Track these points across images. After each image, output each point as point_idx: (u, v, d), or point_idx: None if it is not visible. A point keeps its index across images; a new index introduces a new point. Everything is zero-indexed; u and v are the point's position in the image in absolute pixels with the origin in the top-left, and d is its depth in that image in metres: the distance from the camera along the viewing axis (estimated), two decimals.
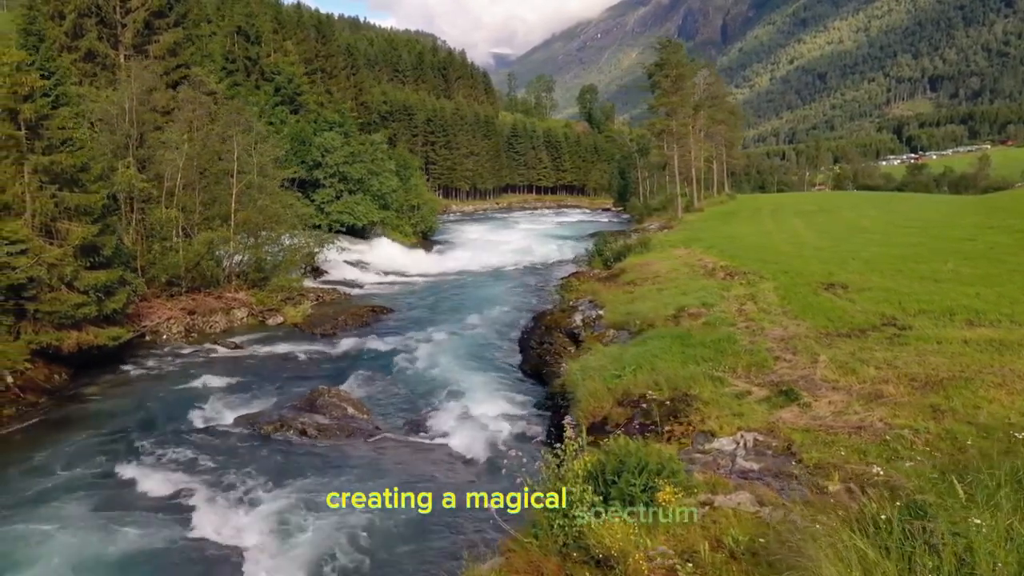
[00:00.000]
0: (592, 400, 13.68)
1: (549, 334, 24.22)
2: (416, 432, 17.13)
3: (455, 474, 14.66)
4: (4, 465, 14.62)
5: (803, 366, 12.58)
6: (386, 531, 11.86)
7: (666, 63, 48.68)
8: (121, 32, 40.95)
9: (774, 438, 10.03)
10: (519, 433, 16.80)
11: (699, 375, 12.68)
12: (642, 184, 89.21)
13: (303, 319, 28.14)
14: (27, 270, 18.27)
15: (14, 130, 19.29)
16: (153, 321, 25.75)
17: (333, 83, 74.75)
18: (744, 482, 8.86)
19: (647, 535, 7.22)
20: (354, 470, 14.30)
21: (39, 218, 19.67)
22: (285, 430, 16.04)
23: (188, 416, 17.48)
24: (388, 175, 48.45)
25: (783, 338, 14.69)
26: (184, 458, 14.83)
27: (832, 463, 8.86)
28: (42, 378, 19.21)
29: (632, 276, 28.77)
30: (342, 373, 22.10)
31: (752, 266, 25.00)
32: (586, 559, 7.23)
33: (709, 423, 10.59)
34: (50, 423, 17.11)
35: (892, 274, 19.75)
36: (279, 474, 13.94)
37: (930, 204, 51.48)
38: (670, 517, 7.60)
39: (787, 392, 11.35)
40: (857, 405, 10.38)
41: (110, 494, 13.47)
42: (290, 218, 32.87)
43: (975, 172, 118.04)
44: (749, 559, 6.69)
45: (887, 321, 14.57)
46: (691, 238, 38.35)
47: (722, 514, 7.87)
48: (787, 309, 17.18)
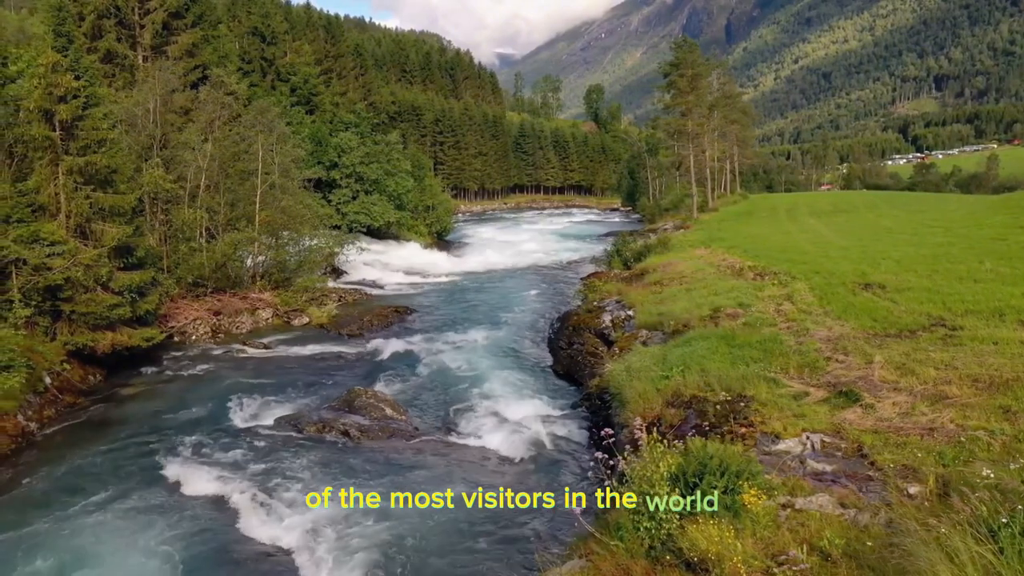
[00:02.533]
0: (641, 401, 13.61)
1: (578, 335, 24.15)
2: (455, 433, 17.11)
3: (500, 475, 14.62)
4: (50, 466, 14.63)
5: (857, 367, 12.49)
6: (442, 533, 11.81)
7: (682, 62, 48.59)
8: (139, 33, 41.02)
9: (842, 440, 9.96)
10: (559, 434, 16.77)
11: (752, 376, 12.59)
12: (651, 184, 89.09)
13: (328, 320, 28.13)
14: (64, 271, 18.27)
15: (50, 131, 19.30)
16: (180, 322, 25.76)
17: (343, 84, 74.83)
18: (820, 484, 8.79)
19: (735, 538, 7.17)
20: (401, 471, 14.27)
21: (74, 219, 19.68)
22: (328, 431, 16.02)
23: (227, 416, 17.49)
24: (404, 175, 48.45)
25: (829, 339, 14.60)
26: (230, 459, 14.82)
27: (907, 465, 8.80)
28: (78, 379, 19.24)
29: (657, 276, 28.66)
30: (372, 374, 22.10)
31: (781, 266, 24.88)
32: (677, 562, 7.18)
33: (773, 424, 10.52)
34: (91, 424, 17.12)
35: (928, 274, 19.63)
36: (327, 475, 13.93)
37: (947, 204, 51.28)
38: (755, 519, 7.57)
39: (847, 393, 11.28)
40: (923, 406, 10.30)
41: (158, 495, 13.46)
42: (311, 218, 32.89)
43: (985, 172, 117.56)
44: (848, 563, 6.62)
45: (935, 322, 14.48)
46: (710, 238, 38.21)
47: (807, 516, 7.81)
48: (828, 309, 17.08)
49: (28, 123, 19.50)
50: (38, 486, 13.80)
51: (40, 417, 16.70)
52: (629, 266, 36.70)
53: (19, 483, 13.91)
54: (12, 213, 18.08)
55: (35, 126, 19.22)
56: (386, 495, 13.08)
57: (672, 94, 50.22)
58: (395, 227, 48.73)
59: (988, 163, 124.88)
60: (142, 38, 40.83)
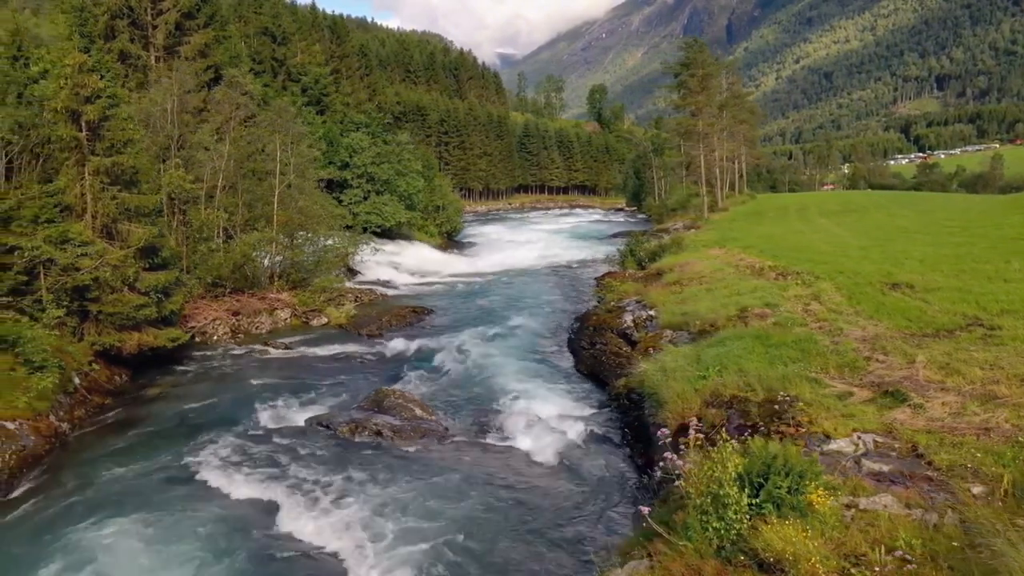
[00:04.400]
0: (679, 401, 13.59)
1: (600, 335, 24.13)
2: (485, 433, 17.09)
3: (536, 475, 14.61)
4: (85, 467, 14.63)
5: (899, 367, 12.47)
6: (489, 533, 11.80)
7: (693, 62, 48.59)
8: (152, 34, 41.00)
9: (895, 440, 9.94)
10: (590, 434, 16.77)
11: (792, 376, 12.57)
12: (657, 184, 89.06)
13: (347, 320, 28.13)
14: (92, 271, 18.27)
15: (76, 131, 19.31)
16: (199, 322, 25.76)
17: (348, 84, 74.85)
18: (880, 484, 8.77)
19: (806, 538, 7.15)
20: (437, 471, 14.26)
21: (100, 219, 19.68)
22: (361, 432, 16.02)
23: (257, 417, 17.47)
24: (414, 176, 48.46)
25: (865, 338, 14.58)
26: (266, 460, 14.82)
27: (966, 465, 8.79)
28: (105, 379, 19.24)
29: (675, 276, 28.62)
30: (396, 374, 22.10)
31: (801, 266, 24.84)
32: (750, 563, 7.16)
33: (823, 424, 10.49)
34: (121, 424, 17.12)
35: (955, 274, 19.61)
36: (365, 475, 13.92)
37: (957, 204, 51.25)
38: (823, 520, 7.55)
39: (893, 393, 11.26)
40: (974, 406, 10.28)
41: (198, 496, 13.46)
42: (327, 218, 32.90)
43: (989, 171, 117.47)
44: (928, 564, 6.60)
45: (972, 321, 14.46)
46: (724, 238, 38.15)
47: (873, 517, 7.79)
48: (859, 309, 17.06)
49: (54, 124, 19.47)
50: (76, 487, 13.80)
51: (71, 417, 16.70)
52: (643, 266, 36.68)
53: (57, 484, 13.92)
54: (40, 213, 18.08)
55: (61, 126, 19.21)
56: (426, 494, 13.10)
57: (682, 94, 50.20)
58: (405, 227, 48.73)
59: (992, 163, 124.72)
60: (155, 38, 40.82)
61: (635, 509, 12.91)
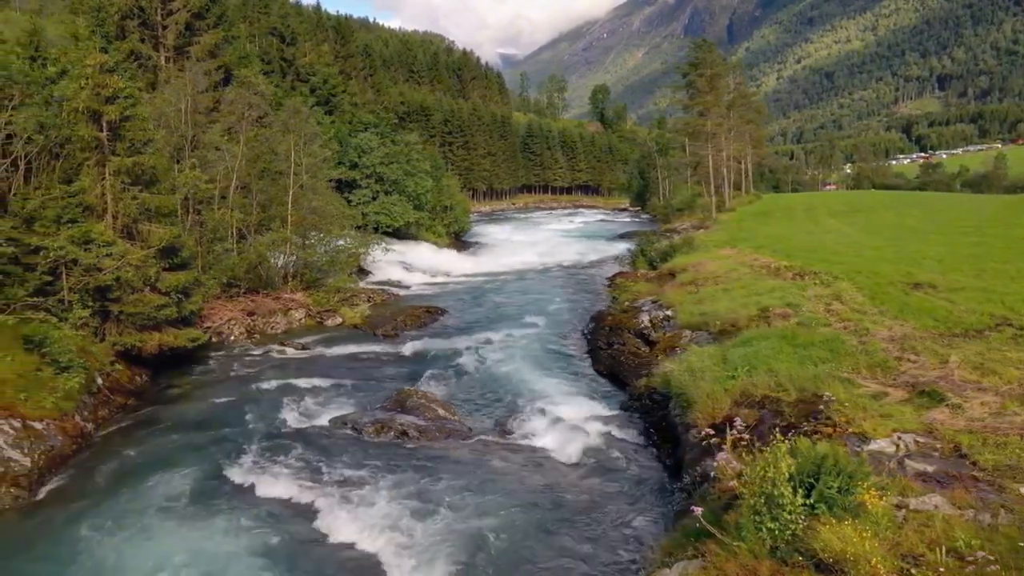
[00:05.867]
0: (709, 401, 13.59)
1: (617, 335, 24.14)
2: (508, 433, 17.08)
3: (564, 475, 14.60)
4: (113, 467, 14.62)
5: (932, 367, 12.48)
6: (524, 532, 11.79)
7: (701, 62, 48.58)
8: (162, 34, 40.97)
9: (936, 440, 9.93)
10: (614, 434, 16.74)
11: (825, 376, 12.57)
12: (662, 184, 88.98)
13: (362, 320, 28.13)
14: (115, 271, 18.27)
15: (97, 131, 19.31)
16: (215, 322, 25.75)
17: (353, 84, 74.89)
18: (926, 485, 8.76)
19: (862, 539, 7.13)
20: (466, 471, 14.25)
21: (121, 220, 19.68)
22: (386, 432, 16.01)
23: (280, 417, 17.48)
24: (423, 176, 48.46)
25: (893, 338, 14.58)
26: (293, 459, 14.81)
27: (1012, 465, 8.78)
28: (126, 379, 19.23)
29: (689, 276, 28.63)
30: (415, 374, 22.09)
31: (817, 266, 24.86)
32: (807, 563, 7.15)
33: (863, 424, 10.48)
34: (146, 424, 17.11)
35: (976, 274, 19.63)
36: (394, 475, 13.92)
37: (967, 204, 51.26)
38: (876, 520, 7.54)
39: (929, 393, 11.26)
40: (1015, 406, 10.28)
41: (227, 494, 13.46)
42: (340, 218, 32.91)
43: (994, 171, 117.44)
44: (989, 565, 6.59)
45: (1000, 321, 14.47)
46: (735, 238, 38.19)
47: (926, 517, 7.79)
48: (883, 309, 17.07)
49: (74, 124, 19.46)
50: (105, 487, 13.79)
51: (95, 417, 16.71)
52: (655, 266, 36.69)
53: (86, 484, 13.92)
54: (63, 214, 18.08)
55: (82, 126, 19.20)
56: (458, 494, 13.09)
57: (691, 94, 50.19)
58: (414, 227, 48.74)
59: (995, 163, 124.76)
60: (165, 39, 40.79)
61: (666, 509, 12.92)
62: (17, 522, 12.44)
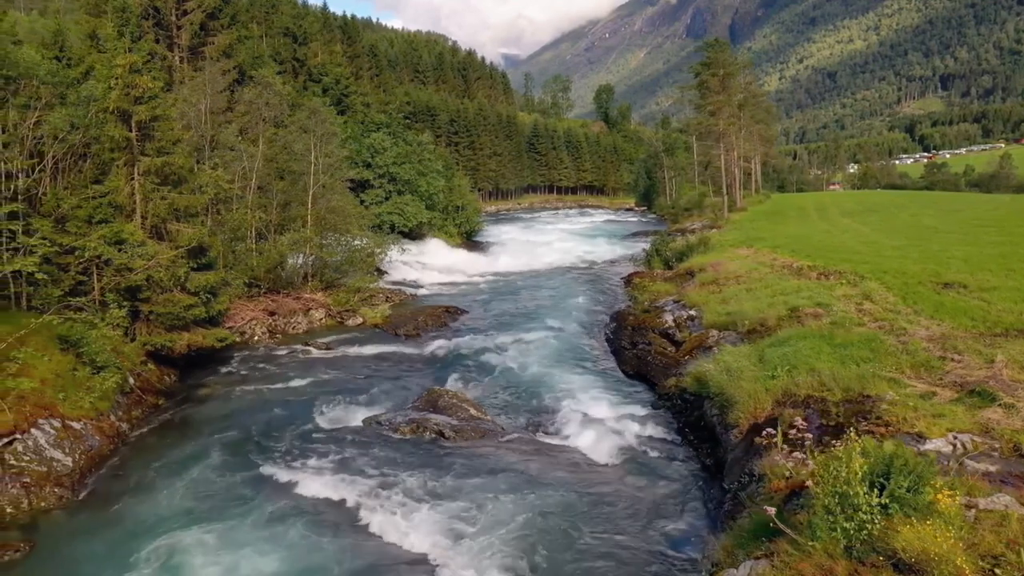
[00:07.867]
0: (751, 401, 13.57)
1: (641, 335, 24.11)
2: (543, 433, 17.11)
3: (602, 474, 14.60)
4: (151, 467, 14.64)
5: (978, 366, 12.44)
6: (574, 530, 11.78)
7: (714, 62, 48.56)
8: (177, 34, 41.02)
9: (993, 439, 9.91)
10: (645, 434, 16.76)
11: (869, 375, 12.54)
12: (668, 184, 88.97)
13: (383, 320, 28.12)
14: (146, 271, 18.28)
15: (127, 132, 19.32)
16: (237, 322, 25.76)
17: (364, 84, 74.91)
18: (992, 484, 8.73)
19: (942, 539, 7.10)
20: (506, 471, 14.25)
21: (151, 220, 19.69)
22: (422, 432, 16.02)
23: (312, 417, 17.49)
24: (435, 176, 48.47)
25: (932, 338, 14.54)
26: (328, 458, 14.82)
27: None
28: (156, 379, 19.26)
29: (709, 276, 28.55)
30: (441, 374, 22.10)
31: (840, 266, 24.79)
32: (885, 562, 7.12)
33: (917, 424, 10.46)
34: (179, 424, 17.14)
35: (1005, 273, 19.56)
36: (435, 474, 13.92)
37: (982, 203, 51.17)
38: (949, 520, 7.51)
39: (980, 393, 11.22)
40: None
41: (266, 493, 13.47)
42: (358, 218, 32.93)
43: (1001, 171, 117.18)
44: None
45: None
46: (750, 238, 38.10)
47: (998, 516, 7.76)
48: (917, 309, 17.02)
49: (103, 124, 19.48)
50: (146, 487, 13.81)
51: (129, 417, 16.72)
52: (671, 266, 36.64)
53: (127, 485, 13.91)
54: (95, 214, 18.09)
55: (112, 127, 19.21)
56: (498, 493, 13.08)
57: (702, 93, 50.16)
58: (426, 227, 48.74)
59: (1001, 162, 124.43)
60: (179, 39, 40.83)
61: (710, 508, 12.90)
62: (64, 522, 12.46)
